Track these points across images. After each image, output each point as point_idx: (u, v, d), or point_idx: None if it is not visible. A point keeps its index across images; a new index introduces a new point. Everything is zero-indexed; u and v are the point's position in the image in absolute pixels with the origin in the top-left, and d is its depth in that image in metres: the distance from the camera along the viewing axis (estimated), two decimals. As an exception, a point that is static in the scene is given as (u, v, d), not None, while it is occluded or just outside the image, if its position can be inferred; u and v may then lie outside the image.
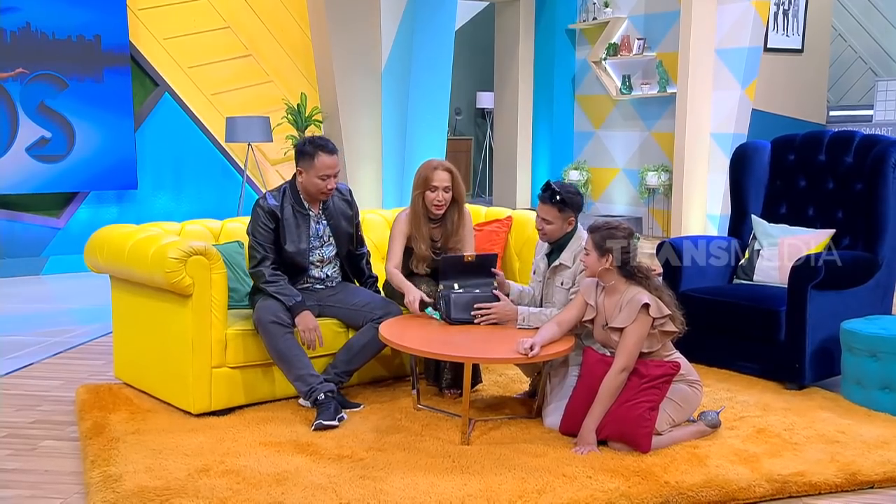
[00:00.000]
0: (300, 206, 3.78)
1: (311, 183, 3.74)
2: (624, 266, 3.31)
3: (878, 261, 4.16)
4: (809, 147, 4.60)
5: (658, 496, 2.83)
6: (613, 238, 3.30)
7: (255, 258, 3.71)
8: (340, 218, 3.89)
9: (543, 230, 3.61)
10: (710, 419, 3.40)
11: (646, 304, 3.21)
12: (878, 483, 3.04)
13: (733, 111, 8.24)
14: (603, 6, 9.59)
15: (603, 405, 3.21)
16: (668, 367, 3.27)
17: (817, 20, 9.00)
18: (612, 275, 3.32)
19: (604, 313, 3.36)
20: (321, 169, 3.71)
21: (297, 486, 2.87)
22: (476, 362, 3.69)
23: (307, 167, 3.73)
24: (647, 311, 3.21)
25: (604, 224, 3.37)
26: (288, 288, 3.69)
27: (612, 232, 3.31)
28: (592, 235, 3.34)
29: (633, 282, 3.32)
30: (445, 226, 3.97)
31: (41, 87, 6.98)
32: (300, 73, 8.28)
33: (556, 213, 3.56)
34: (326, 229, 3.86)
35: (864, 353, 3.73)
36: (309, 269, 3.83)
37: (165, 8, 7.63)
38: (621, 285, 3.33)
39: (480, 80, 11.99)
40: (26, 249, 7.18)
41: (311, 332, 3.63)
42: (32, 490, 2.95)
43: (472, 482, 2.91)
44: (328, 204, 3.86)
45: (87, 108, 7.15)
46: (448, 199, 3.91)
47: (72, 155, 7.13)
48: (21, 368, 4.43)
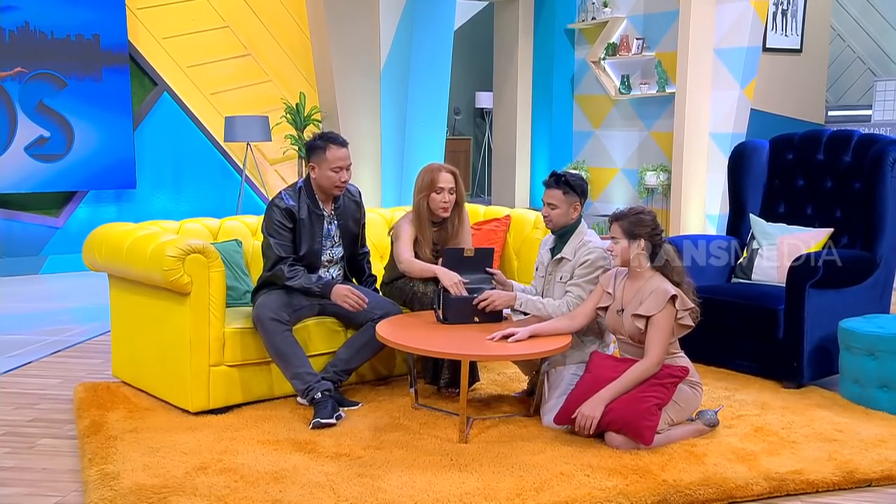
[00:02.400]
0: (315, 207, 3.77)
1: (324, 177, 3.73)
2: (654, 250, 3.32)
3: (876, 260, 4.16)
4: (808, 146, 4.60)
5: (656, 494, 2.83)
6: (642, 224, 3.32)
7: (272, 258, 3.67)
8: (349, 219, 3.89)
9: (549, 216, 3.62)
10: (708, 418, 3.40)
11: (674, 296, 3.23)
12: (875, 481, 3.04)
13: (732, 111, 8.23)
14: (602, 6, 9.59)
15: (624, 387, 3.21)
16: (678, 370, 3.29)
17: (816, 20, 9.00)
18: (643, 259, 3.33)
19: (621, 299, 3.37)
20: (333, 161, 3.71)
21: (295, 485, 2.87)
22: (473, 360, 3.70)
23: (319, 161, 3.73)
24: (674, 302, 3.23)
25: (629, 210, 3.39)
26: (308, 277, 3.67)
27: (641, 217, 3.33)
28: (620, 223, 3.34)
29: (658, 268, 3.33)
30: (446, 228, 3.98)
31: (40, 86, 6.99)
32: (299, 72, 8.28)
33: (560, 196, 3.58)
34: (337, 230, 3.85)
35: (862, 352, 3.74)
36: (317, 270, 3.81)
37: (164, 7, 7.63)
38: (647, 271, 3.34)
39: (479, 79, 11.99)
40: (25, 248, 7.18)
41: (349, 296, 3.61)
42: (30, 488, 2.95)
43: (470, 480, 2.91)
44: (339, 204, 3.86)
45: (85, 108, 7.16)
46: (453, 200, 3.91)
47: (70, 154, 7.14)
48: (19, 367, 4.43)
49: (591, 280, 3.54)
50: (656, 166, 9.09)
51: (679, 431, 3.31)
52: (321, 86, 8.23)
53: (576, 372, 3.49)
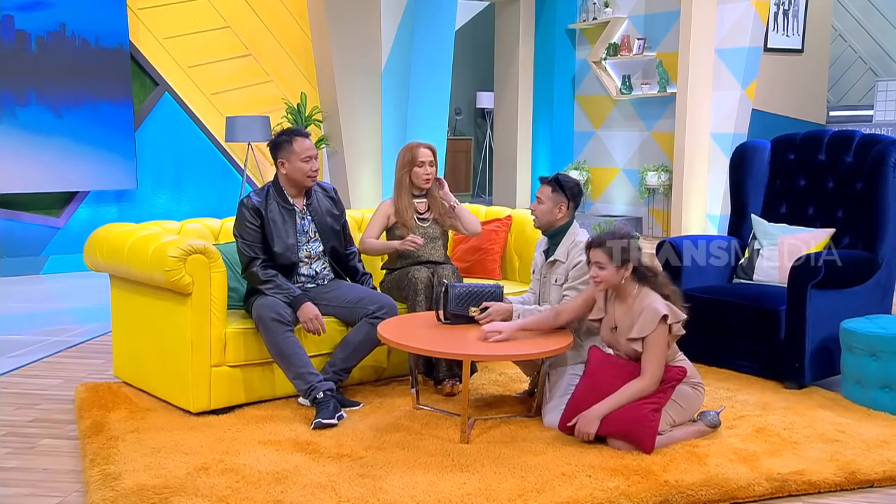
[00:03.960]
0: (285, 202, 3.80)
1: (295, 169, 3.76)
2: (636, 269, 3.31)
3: (878, 260, 4.16)
4: (809, 146, 4.60)
5: (658, 495, 2.83)
6: (625, 248, 3.27)
7: (245, 259, 3.73)
8: (325, 215, 3.91)
9: (534, 211, 3.67)
10: (710, 419, 3.39)
11: (665, 315, 3.20)
12: (877, 482, 3.03)
13: (733, 111, 8.23)
14: (603, 6, 9.59)
15: (618, 404, 3.19)
16: (675, 372, 3.28)
17: (817, 20, 9.00)
18: (629, 283, 3.31)
19: (613, 315, 3.36)
20: (302, 152, 3.76)
21: (297, 485, 2.87)
22: (475, 360, 3.69)
23: (288, 154, 3.77)
24: (665, 321, 3.21)
25: (606, 234, 3.32)
26: (284, 284, 3.70)
27: (620, 241, 3.27)
28: (602, 249, 3.27)
29: (644, 283, 3.32)
30: (433, 196, 4.26)
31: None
32: (300, 72, 8.28)
33: (549, 192, 3.62)
34: (311, 225, 3.87)
35: (863, 353, 3.73)
36: (298, 267, 3.83)
37: (165, 7, 7.63)
38: (632, 288, 3.32)
39: (480, 79, 11.99)
40: (26, 249, 7.18)
41: (313, 321, 3.64)
42: (31, 488, 2.95)
43: (471, 481, 2.91)
44: (311, 200, 3.88)
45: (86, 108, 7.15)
46: (434, 172, 4.21)
47: (72, 154, 7.12)
48: (20, 367, 4.43)
49: (586, 282, 3.53)
50: (657, 166, 9.09)
51: (681, 432, 3.30)
52: (322, 86, 8.23)
53: (577, 372, 3.49)
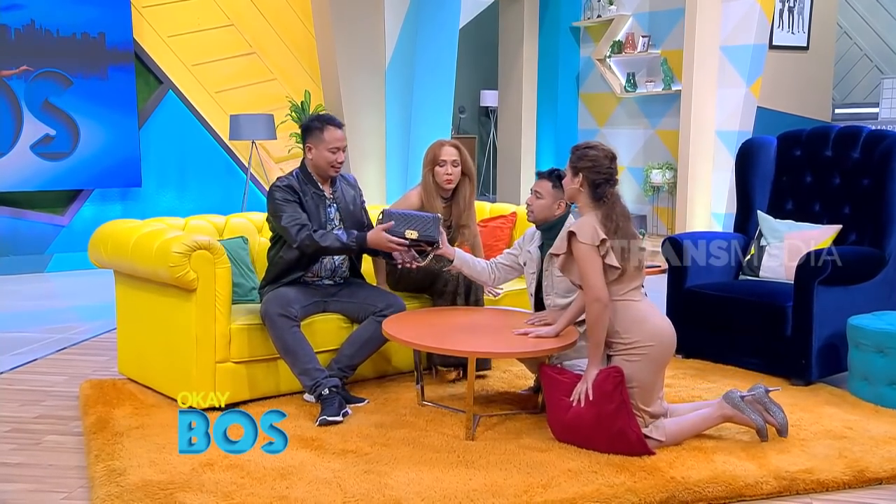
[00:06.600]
0: (315, 188, 3.77)
1: (321, 157, 3.73)
2: (594, 188, 3.14)
3: (885, 256, 4.14)
4: (816, 142, 4.58)
5: (664, 491, 2.81)
6: (586, 157, 3.13)
7: (294, 229, 3.59)
8: (349, 203, 3.89)
9: (532, 206, 3.59)
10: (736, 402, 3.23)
11: (571, 232, 3.07)
12: (886, 480, 3.02)
13: (738, 109, 8.21)
14: (607, 4, 9.57)
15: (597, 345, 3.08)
16: (612, 376, 3.09)
17: (822, 18, 8.97)
18: (583, 197, 3.17)
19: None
20: (331, 142, 3.72)
21: (302, 481, 2.86)
22: (480, 357, 3.68)
23: (317, 142, 3.73)
24: (574, 237, 3.06)
25: (583, 144, 3.23)
26: (337, 237, 3.62)
27: (587, 151, 3.15)
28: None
29: (599, 206, 3.14)
30: (458, 202, 4.05)
31: (45, 85, 6.99)
32: (304, 70, 8.27)
33: (549, 188, 3.56)
34: (337, 213, 3.84)
35: (871, 349, 3.71)
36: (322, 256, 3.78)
37: (169, 5, 7.63)
38: (587, 210, 3.17)
39: (484, 78, 11.97)
40: (31, 247, 7.19)
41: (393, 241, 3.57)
42: (36, 484, 2.94)
43: (476, 477, 2.90)
44: (336, 188, 3.86)
45: (91, 106, 7.16)
46: (458, 174, 4.01)
47: (76, 152, 7.14)
48: (25, 364, 4.43)
49: None
50: (662, 164, 9.07)
51: (690, 423, 3.22)
52: (326, 84, 8.22)
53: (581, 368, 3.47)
